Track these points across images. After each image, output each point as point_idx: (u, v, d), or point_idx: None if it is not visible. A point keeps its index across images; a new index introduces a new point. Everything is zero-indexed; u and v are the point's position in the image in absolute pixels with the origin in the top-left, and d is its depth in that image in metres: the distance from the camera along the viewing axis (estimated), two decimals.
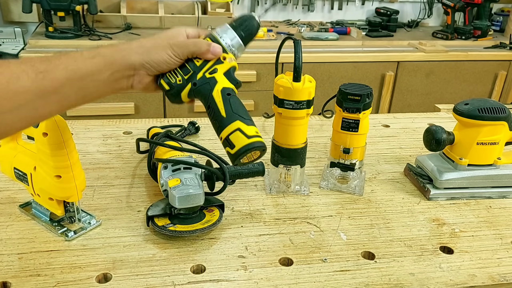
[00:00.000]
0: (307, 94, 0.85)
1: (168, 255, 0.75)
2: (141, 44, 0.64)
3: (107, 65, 0.60)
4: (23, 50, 2.01)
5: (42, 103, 0.55)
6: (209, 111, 0.68)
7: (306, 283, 0.71)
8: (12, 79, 0.52)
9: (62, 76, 0.56)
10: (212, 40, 0.71)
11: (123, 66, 0.62)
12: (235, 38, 0.72)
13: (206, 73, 0.69)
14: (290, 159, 0.91)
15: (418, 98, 2.47)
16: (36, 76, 0.54)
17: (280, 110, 0.87)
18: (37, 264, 0.71)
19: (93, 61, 0.60)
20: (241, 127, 0.67)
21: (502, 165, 0.97)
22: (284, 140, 0.90)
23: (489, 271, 0.75)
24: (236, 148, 0.66)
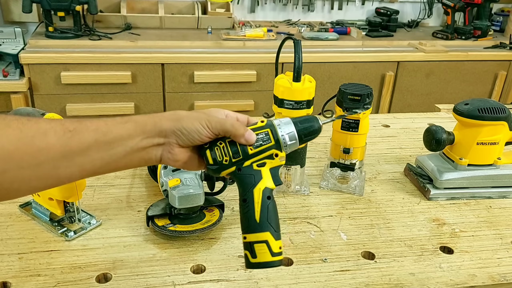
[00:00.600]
0: (307, 94, 0.85)
1: (168, 255, 0.75)
2: (176, 112, 0.61)
3: (138, 130, 0.57)
4: (23, 50, 2.01)
5: (64, 164, 0.53)
6: (244, 204, 0.64)
7: (306, 283, 0.71)
8: (38, 134, 0.51)
9: (91, 137, 0.54)
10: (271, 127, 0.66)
11: (154, 132, 0.58)
12: (293, 133, 0.66)
13: (254, 163, 0.65)
14: (290, 159, 0.91)
15: (418, 98, 2.47)
16: (64, 134, 0.52)
17: (280, 110, 0.87)
18: (37, 264, 0.71)
19: (125, 126, 0.57)
20: (269, 240, 0.63)
21: (502, 165, 0.97)
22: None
23: (489, 271, 0.75)
24: (257, 260, 0.63)
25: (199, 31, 2.45)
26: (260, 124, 0.66)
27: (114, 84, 2.08)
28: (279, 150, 0.65)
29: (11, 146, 0.49)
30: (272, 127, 0.65)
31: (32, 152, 0.50)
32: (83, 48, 2.09)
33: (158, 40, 2.21)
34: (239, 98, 2.22)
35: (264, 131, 0.65)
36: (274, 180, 0.66)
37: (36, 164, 0.51)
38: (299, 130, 0.66)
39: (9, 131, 0.50)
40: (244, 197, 0.64)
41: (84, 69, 2.03)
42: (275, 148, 0.65)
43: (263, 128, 0.65)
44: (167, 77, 2.12)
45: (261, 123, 0.66)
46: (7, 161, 0.49)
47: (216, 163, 0.63)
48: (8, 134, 0.50)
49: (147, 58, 2.07)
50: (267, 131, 0.65)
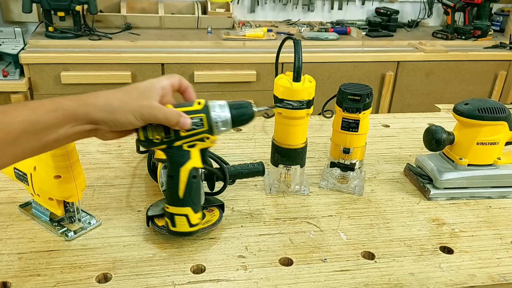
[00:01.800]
0: (307, 94, 0.85)
1: (168, 255, 0.75)
2: (108, 102, 0.60)
3: (68, 119, 0.58)
4: (23, 50, 2.01)
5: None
6: (170, 180, 0.69)
7: (306, 283, 0.71)
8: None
9: (19, 128, 0.54)
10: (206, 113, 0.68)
11: (85, 121, 0.59)
12: (227, 119, 0.69)
13: (185, 144, 0.68)
14: (290, 159, 0.91)
15: (418, 98, 2.47)
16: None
17: (280, 110, 0.87)
18: (37, 264, 0.71)
19: (54, 114, 0.57)
20: (189, 214, 0.71)
21: (502, 165, 0.97)
22: (284, 140, 0.90)
23: (488, 271, 0.75)
24: (176, 229, 0.71)
25: (199, 31, 2.45)
26: (197, 106, 0.68)
27: (114, 84, 2.07)
28: (210, 134, 0.69)
29: None
30: (207, 112, 0.68)
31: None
32: (83, 48, 2.09)
33: (158, 40, 2.22)
34: (239, 98, 2.22)
35: (199, 115, 0.67)
36: (202, 159, 0.70)
37: None
38: (234, 116, 0.69)
39: None
40: (171, 174, 0.68)
41: (84, 69, 2.03)
42: (207, 133, 0.68)
43: (199, 113, 0.68)
44: None
45: (198, 106, 0.68)
46: None
47: (147, 140, 0.66)
48: None
49: (147, 58, 2.07)
50: (202, 116, 0.68)
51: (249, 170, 0.87)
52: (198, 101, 0.69)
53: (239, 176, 0.87)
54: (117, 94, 0.62)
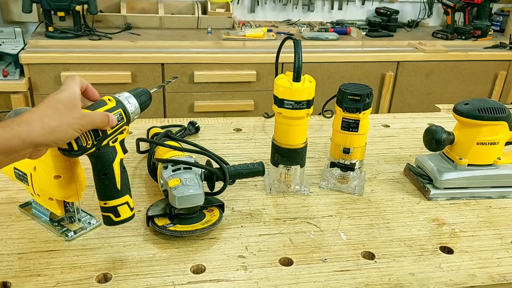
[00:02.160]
0: (307, 94, 0.85)
1: (168, 255, 0.75)
2: (43, 123, 0.58)
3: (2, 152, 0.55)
4: (23, 50, 2.01)
5: None
6: (104, 178, 0.72)
7: (306, 283, 0.71)
8: None
9: None
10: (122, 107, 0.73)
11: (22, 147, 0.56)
12: (137, 108, 0.75)
13: (110, 141, 0.72)
14: (290, 159, 0.91)
15: (418, 98, 2.47)
16: None
17: (280, 110, 0.87)
18: (37, 264, 0.71)
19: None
20: (128, 200, 0.75)
21: (502, 165, 0.97)
22: (284, 140, 0.90)
23: (489, 271, 0.75)
24: (121, 218, 0.74)
25: (199, 31, 2.45)
26: (111, 103, 0.72)
27: (114, 84, 2.08)
28: (127, 125, 0.74)
29: None
30: (123, 106, 0.73)
31: None
32: (83, 48, 2.09)
33: (158, 40, 2.22)
34: (239, 98, 2.22)
35: (118, 111, 0.72)
36: (123, 150, 0.75)
37: None
38: (141, 103, 0.76)
39: None
40: (105, 172, 0.72)
41: (84, 69, 2.03)
42: (126, 125, 0.73)
43: (116, 109, 0.72)
44: (167, 77, 2.12)
45: (111, 102, 0.72)
46: None
47: (80, 149, 0.67)
48: None
49: (147, 58, 2.07)
50: (120, 111, 0.72)
51: (249, 170, 0.87)
52: (107, 98, 0.74)
53: (239, 176, 0.87)
54: (47, 112, 0.59)
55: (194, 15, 2.47)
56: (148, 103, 0.78)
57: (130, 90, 0.77)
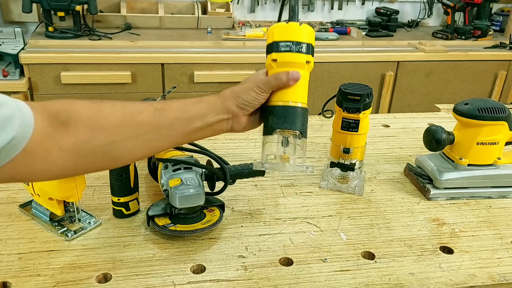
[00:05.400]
0: (307, 36, 0.72)
1: (168, 255, 0.75)
2: (233, 90, 0.72)
3: (210, 109, 0.68)
4: (23, 50, 2.01)
5: (155, 136, 0.64)
6: (122, 178, 0.82)
7: (306, 283, 0.71)
8: (136, 112, 0.63)
9: (174, 115, 0.65)
10: None
11: (222, 110, 0.69)
12: None
13: None
14: (288, 121, 0.71)
15: (418, 98, 2.47)
16: (154, 112, 0.64)
17: (275, 55, 0.71)
18: (37, 264, 0.71)
19: (199, 105, 0.68)
20: (137, 196, 0.86)
21: (502, 165, 0.97)
22: (279, 96, 0.71)
23: (489, 271, 0.75)
24: (131, 211, 0.84)
25: (199, 31, 2.45)
26: None
27: (114, 84, 2.08)
28: None
29: (117, 122, 0.61)
30: None
31: (133, 126, 0.62)
32: (83, 48, 2.09)
33: (158, 40, 2.21)
34: None
35: None
36: None
37: (135, 136, 0.62)
38: None
39: (115, 109, 0.62)
40: (122, 173, 0.80)
41: (84, 69, 2.03)
42: None
43: None
44: (167, 77, 2.12)
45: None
46: (115, 133, 0.60)
47: None
48: (114, 112, 0.61)
49: (147, 58, 2.07)
50: None
51: (249, 170, 0.87)
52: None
53: (240, 176, 0.87)
54: (239, 84, 0.73)
55: (194, 15, 2.47)
56: None
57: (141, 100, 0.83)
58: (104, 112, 0.61)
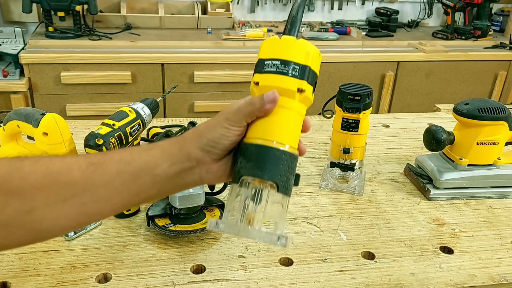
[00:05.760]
0: (303, 56, 0.53)
1: (168, 255, 0.75)
2: (196, 129, 0.55)
3: (165, 158, 0.52)
4: (23, 50, 2.01)
5: (89, 198, 0.50)
6: None
7: (306, 283, 0.71)
8: (63, 170, 0.50)
9: (114, 169, 0.51)
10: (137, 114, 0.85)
11: (181, 157, 0.53)
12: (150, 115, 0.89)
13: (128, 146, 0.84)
14: (260, 166, 0.50)
15: (418, 98, 2.47)
16: (87, 167, 0.50)
17: (257, 77, 0.54)
18: (37, 264, 0.71)
19: (149, 153, 0.53)
20: None
21: (502, 165, 0.97)
22: (256, 131, 0.52)
23: (489, 271, 0.75)
24: (131, 211, 0.84)
25: (199, 31, 2.45)
26: (132, 115, 0.84)
27: (114, 84, 2.08)
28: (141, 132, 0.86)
29: (37, 183, 0.48)
30: (140, 117, 0.85)
31: (58, 188, 0.49)
32: (83, 48, 2.09)
33: (158, 40, 2.21)
34: (239, 98, 2.20)
35: (137, 122, 0.84)
36: None
37: (62, 200, 0.49)
38: (152, 113, 0.88)
39: (37, 167, 0.49)
40: None
41: (84, 69, 2.03)
42: (141, 132, 0.86)
43: (136, 120, 0.84)
44: (167, 77, 2.12)
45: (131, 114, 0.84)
46: (34, 198, 0.48)
47: None
48: (36, 170, 0.49)
49: (147, 58, 2.07)
50: (139, 121, 0.84)
51: None
52: (127, 109, 0.84)
53: None
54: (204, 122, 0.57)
55: (194, 15, 2.47)
56: (157, 111, 0.88)
57: (141, 100, 0.88)
58: (23, 170, 0.48)
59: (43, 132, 0.76)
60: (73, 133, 0.88)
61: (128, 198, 0.52)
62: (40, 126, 0.76)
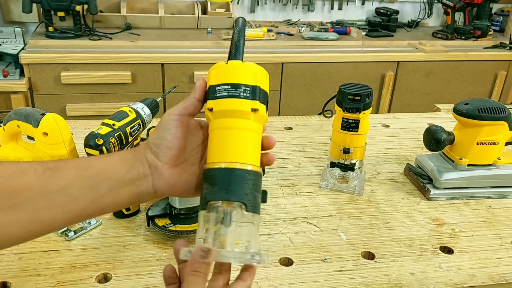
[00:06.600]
0: (252, 77, 0.55)
1: (168, 255, 0.75)
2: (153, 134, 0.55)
3: (122, 163, 0.52)
4: (23, 50, 2.01)
5: (44, 205, 0.47)
6: None
7: (306, 283, 0.71)
8: (15, 174, 0.47)
9: (71, 174, 0.49)
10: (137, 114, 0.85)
11: (135, 162, 0.52)
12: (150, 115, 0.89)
13: (128, 147, 0.84)
14: (226, 188, 0.50)
15: (418, 98, 2.47)
16: (44, 172, 0.48)
17: (210, 104, 0.55)
18: (37, 264, 0.71)
19: (107, 159, 0.52)
20: None
21: (502, 165, 0.97)
22: (216, 155, 0.53)
23: (488, 271, 0.75)
24: (131, 211, 0.85)
25: (199, 31, 2.45)
26: (132, 115, 0.84)
27: (114, 84, 2.08)
28: (141, 131, 0.86)
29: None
30: (140, 116, 0.86)
31: (9, 193, 0.46)
32: (83, 48, 2.09)
33: (158, 40, 2.21)
34: None
35: (137, 122, 0.84)
36: None
37: (13, 206, 0.46)
38: (152, 113, 0.88)
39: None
40: None
41: (84, 69, 2.03)
42: (141, 132, 0.86)
43: (136, 120, 0.84)
44: (167, 77, 2.12)
45: (132, 114, 0.84)
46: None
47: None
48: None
49: (147, 58, 2.07)
50: (139, 121, 0.85)
51: None
52: (128, 109, 0.84)
53: None
54: None
55: (194, 15, 2.47)
56: (157, 111, 0.89)
57: (141, 100, 0.89)
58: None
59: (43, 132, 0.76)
60: (73, 133, 0.88)
61: (84, 206, 0.50)
62: (40, 126, 0.76)
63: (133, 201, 0.53)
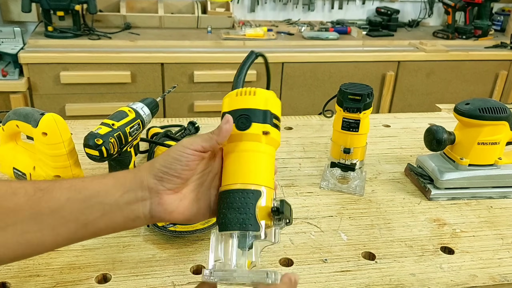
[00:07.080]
0: (263, 102, 0.59)
1: (168, 256, 0.75)
2: (154, 159, 0.53)
3: (118, 185, 0.50)
4: (22, 50, 2.01)
5: (34, 227, 0.46)
6: None
7: (307, 283, 0.70)
8: (7, 193, 0.46)
9: (63, 196, 0.48)
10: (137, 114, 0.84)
11: (135, 185, 0.50)
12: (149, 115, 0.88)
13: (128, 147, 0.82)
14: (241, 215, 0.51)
15: (418, 98, 2.47)
16: (34, 193, 0.47)
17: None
18: (37, 264, 0.71)
19: (102, 181, 0.50)
20: None
21: (503, 165, 0.96)
22: (228, 177, 0.55)
23: (490, 272, 0.75)
24: None
25: (199, 30, 2.45)
26: (131, 115, 0.83)
27: (114, 84, 2.08)
28: (141, 131, 0.86)
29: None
30: (139, 116, 0.85)
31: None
32: (82, 48, 2.09)
33: (157, 40, 2.21)
34: None
35: (137, 121, 0.84)
36: (135, 152, 0.86)
37: (3, 227, 0.45)
38: (151, 111, 0.88)
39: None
40: None
41: (84, 69, 2.02)
42: (141, 132, 0.85)
43: (136, 120, 0.84)
44: (166, 77, 2.12)
45: (131, 114, 0.83)
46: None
47: (109, 156, 0.76)
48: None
49: (146, 58, 2.07)
50: (138, 121, 0.84)
51: None
52: (127, 109, 0.83)
53: None
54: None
55: (194, 15, 2.47)
56: (156, 111, 0.89)
57: (141, 100, 0.88)
58: None
59: (42, 132, 0.76)
60: (73, 133, 0.88)
61: (75, 229, 0.48)
62: (39, 126, 0.76)
63: (127, 226, 0.52)
